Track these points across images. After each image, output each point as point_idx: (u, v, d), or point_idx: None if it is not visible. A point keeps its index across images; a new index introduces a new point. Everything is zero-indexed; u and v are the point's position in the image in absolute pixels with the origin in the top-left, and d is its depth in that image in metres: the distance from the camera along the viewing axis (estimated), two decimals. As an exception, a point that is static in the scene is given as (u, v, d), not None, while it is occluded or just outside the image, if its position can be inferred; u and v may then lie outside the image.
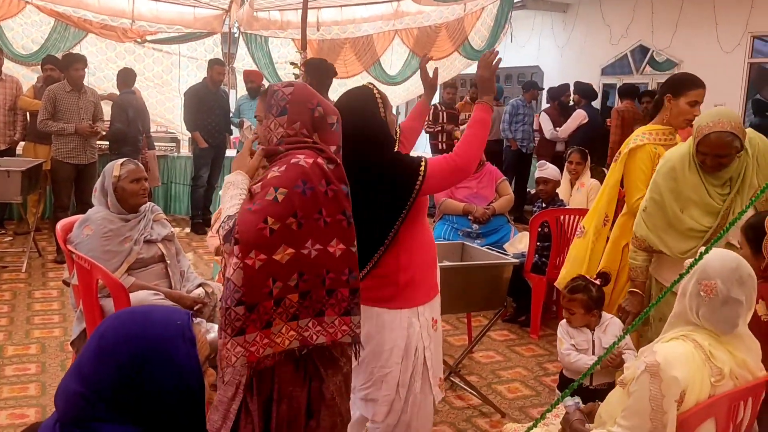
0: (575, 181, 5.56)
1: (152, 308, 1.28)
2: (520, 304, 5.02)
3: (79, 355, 1.21)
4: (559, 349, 3.05)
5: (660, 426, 1.78)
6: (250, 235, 1.88)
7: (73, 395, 1.16)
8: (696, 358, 1.84)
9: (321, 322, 2.00)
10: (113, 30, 8.13)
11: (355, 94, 2.49)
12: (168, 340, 1.19)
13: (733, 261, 1.94)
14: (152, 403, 1.16)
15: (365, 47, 9.76)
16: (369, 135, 2.39)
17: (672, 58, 9.16)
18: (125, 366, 1.15)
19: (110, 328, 1.20)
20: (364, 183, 2.33)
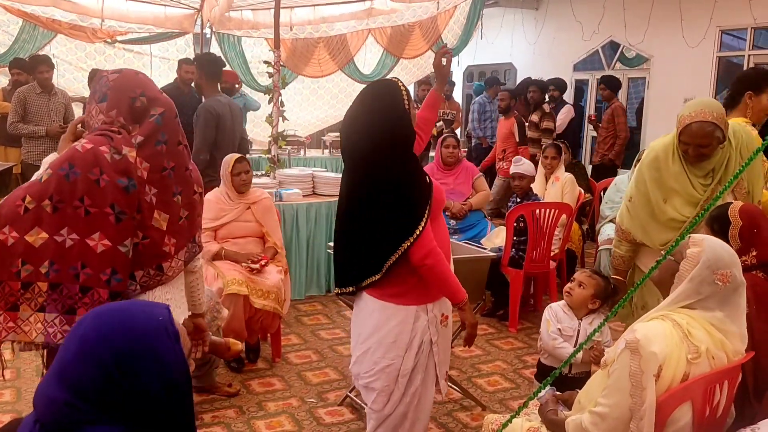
0: (550, 176, 5.61)
1: (131, 304, 1.27)
2: (497, 298, 5.06)
3: (59, 358, 1.17)
4: (544, 331, 3.05)
5: (639, 402, 1.81)
6: (6, 210, 1.85)
7: (58, 402, 1.13)
8: (674, 336, 1.87)
9: (70, 321, 1.90)
10: (82, 30, 7.99)
11: (383, 85, 2.53)
12: (151, 336, 1.17)
13: (731, 249, 2.03)
14: (139, 401, 1.14)
15: (339, 46, 9.73)
16: (397, 126, 2.41)
17: (642, 54, 9.28)
18: (109, 365, 1.13)
19: (90, 328, 1.17)
20: (391, 176, 2.37)
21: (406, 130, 2.44)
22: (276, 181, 5.50)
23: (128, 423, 1.14)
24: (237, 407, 3.49)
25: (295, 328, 4.67)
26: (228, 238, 4.02)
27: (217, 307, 3.43)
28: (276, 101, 5.52)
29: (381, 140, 2.39)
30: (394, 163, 2.39)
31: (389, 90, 2.47)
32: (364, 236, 2.44)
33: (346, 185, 2.52)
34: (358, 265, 2.48)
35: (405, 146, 2.45)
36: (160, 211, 2.00)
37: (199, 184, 2.10)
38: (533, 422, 2.27)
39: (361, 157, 2.43)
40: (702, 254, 1.96)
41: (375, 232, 2.40)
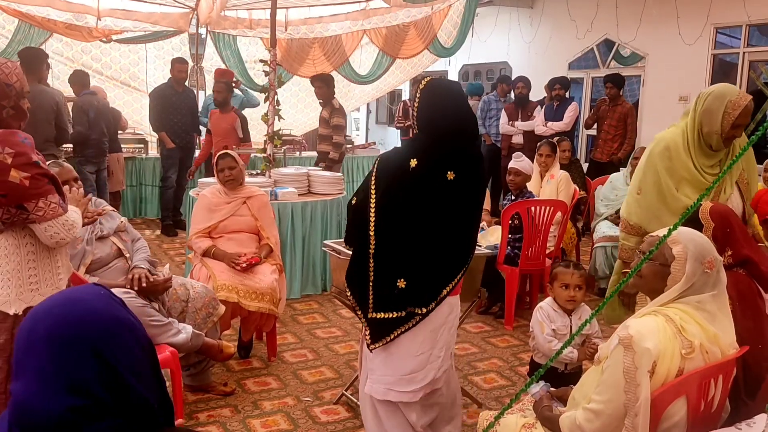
0: (545, 173, 5.61)
1: (68, 293, 1.23)
2: (493, 296, 5.06)
3: (32, 370, 1.11)
4: (537, 334, 3.05)
5: (633, 398, 1.81)
6: None
7: (61, 410, 1.08)
8: (667, 331, 1.87)
9: None
10: (78, 30, 7.97)
11: (452, 85, 2.69)
12: (112, 310, 1.17)
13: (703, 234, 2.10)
14: (132, 372, 1.13)
15: (334, 47, 9.74)
16: (473, 122, 2.62)
17: (637, 52, 9.29)
18: (98, 350, 1.11)
19: (55, 326, 1.12)
20: (474, 169, 2.51)
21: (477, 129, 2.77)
22: (271, 180, 5.49)
23: (129, 408, 1.13)
24: (232, 406, 3.48)
25: (290, 327, 4.66)
26: (223, 233, 4.01)
27: (213, 303, 3.43)
28: (272, 100, 5.51)
29: (468, 138, 2.58)
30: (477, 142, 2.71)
31: (460, 91, 2.67)
32: (454, 244, 2.53)
33: (410, 189, 2.48)
34: (442, 278, 2.54)
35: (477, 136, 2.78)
36: None
37: None
38: (528, 418, 2.27)
39: (470, 161, 2.53)
40: (686, 250, 1.98)
41: (465, 237, 2.56)
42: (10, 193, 2.19)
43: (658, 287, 2.02)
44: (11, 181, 2.17)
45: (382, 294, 2.48)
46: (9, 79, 2.26)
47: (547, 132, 7.64)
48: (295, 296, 5.23)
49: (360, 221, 2.52)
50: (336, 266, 3.72)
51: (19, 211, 2.22)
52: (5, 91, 2.25)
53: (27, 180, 2.19)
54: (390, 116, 14.50)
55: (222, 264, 3.83)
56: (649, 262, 2.02)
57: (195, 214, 4.10)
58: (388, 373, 2.60)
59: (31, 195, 2.21)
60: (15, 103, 2.27)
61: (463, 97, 2.63)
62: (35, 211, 2.23)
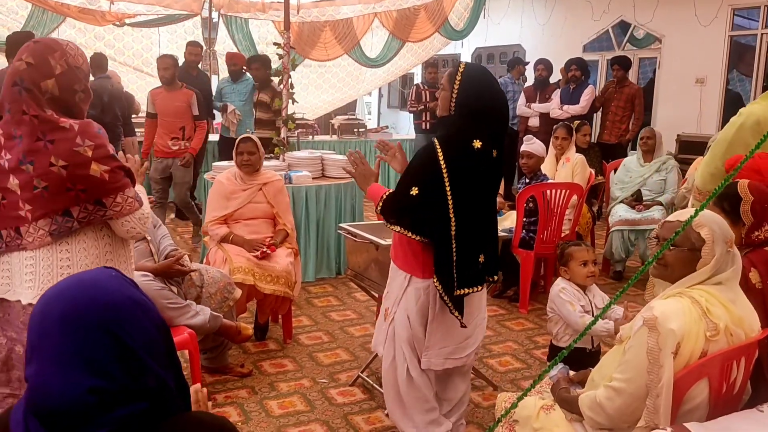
0: (561, 156, 5.58)
1: (80, 275, 1.21)
2: (508, 279, 5.06)
3: (47, 350, 1.10)
4: (568, 314, 3.01)
5: (656, 379, 1.80)
6: None
7: (80, 392, 1.07)
8: (693, 313, 1.86)
9: None
10: (91, 13, 7.97)
11: (486, 68, 2.84)
12: (124, 290, 1.16)
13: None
14: (149, 352, 1.12)
15: (345, 30, 9.70)
16: (507, 103, 2.76)
17: (653, 33, 9.18)
18: (113, 330, 1.10)
19: (67, 308, 1.11)
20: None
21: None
22: (285, 163, 5.49)
23: (147, 391, 1.12)
24: (249, 387, 3.51)
25: (306, 310, 4.68)
26: (240, 219, 4.02)
27: (229, 287, 3.45)
28: (286, 83, 5.50)
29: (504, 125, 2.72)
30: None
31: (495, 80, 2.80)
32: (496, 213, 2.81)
33: (480, 171, 2.59)
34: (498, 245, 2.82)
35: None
36: (14, 175, 2.08)
37: (61, 157, 2.04)
38: (546, 400, 2.27)
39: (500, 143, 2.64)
40: (713, 232, 1.98)
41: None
42: (90, 188, 2.09)
43: (685, 274, 2.00)
44: (92, 176, 2.07)
45: (468, 272, 2.58)
46: (76, 62, 2.15)
47: (563, 115, 7.57)
48: (310, 279, 5.25)
49: (436, 206, 2.52)
50: (352, 249, 3.72)
51: (97, 207, 2.12)
52: (75, 75, 2.14)
53: (107, 174, 2.09)
54: (402, 100, 14.42)
55: (238, 247, 3.85)
56: (675, 249, 2.00)
57: (211, 200, 4.09)
58: (448, 344, 2.70)
59: (109, 189, 2.12)
60: (85, 86, 2.18)
61: (496, 80, 2.80)
62: (112, 206, 2.14)
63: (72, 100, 2.13)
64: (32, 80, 2.06)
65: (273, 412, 3.27)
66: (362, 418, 3.23)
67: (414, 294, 2.66)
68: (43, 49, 2.10)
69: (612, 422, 1.96)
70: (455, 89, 2.59)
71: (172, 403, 1.17)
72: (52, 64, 2.08)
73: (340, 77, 10.52)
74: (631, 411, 1.90)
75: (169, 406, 1.16)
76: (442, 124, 2.73)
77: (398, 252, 2.75)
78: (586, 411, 2.01)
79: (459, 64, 2.64)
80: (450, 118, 2.63)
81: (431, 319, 2.67)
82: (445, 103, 2.64)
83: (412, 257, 2.65)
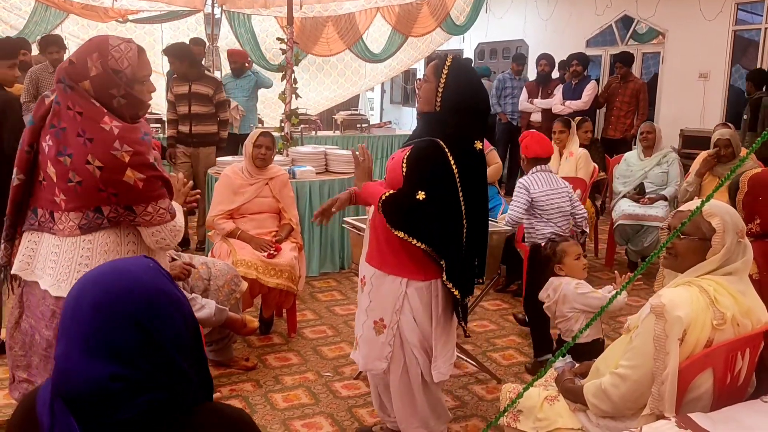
0: (563, 151, 5.58)
1: (116, 262, 1.22)
2: (511, 274, 5.06)
3: (75, 333, 1.12)
4: (598, 301, 2.95)
5: (662, 366, 1.81)
6: None
7: (102, 378, 1.09)
8: (700, 301, 1.87)
9: None
10: (94, 10, 7.98)
11: (469, 62, 2.82)
12: (158, 282, 1.17)
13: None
14: (173, 346, 1.14)
15: (347, 25, 9.68)
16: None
17: (656, 28, 9.16)
18: (140, 320, 1.11)
19: (100, 293, 1.13)
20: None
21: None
22: (289, 158, 5.50)
23: (170, 382, 1.13)
24: (254, 381, 3.53)
25: (309, 304, 4.69)
26: (246, 213, 4.04)
27: (236, 280, 3.46)
28: (289, 78, 5.50)
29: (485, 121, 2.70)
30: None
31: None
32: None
33: (482, 174, 2.58)
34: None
35: None
36: (52, 164, 2.10)
37: (98, 158, 2.04)
38: (550, 391, 2.28)
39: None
40: (724, 221, 1.98)
41: None
42: (121, 193, 2.08)
43: (695, 264, 2.00)
44: (125, 181, 2.06)
45: (472, 278, 2.58)
46: (119, 65, 2.07)
47: (565, 111, 7.55)
48: (314, 274, 5.26)
49: (448, 214, 2.44)
50: (356, 243, 3.74)
51: (127, 212, 2.12)
52: (113, 79, 2.06)
53: (141, 182, 2.07)
54: (404, 96, 14.42)
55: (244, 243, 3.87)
56: (686, 238, 2.00)
57: (217, 193, 4.09)
58: (448, 351, 2.65)
59: (142, 198, 2.10)
60: (126, 92, 2.08)
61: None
62: (142, 215, 2.13)
63: (109, 104, 2.08)
64: (72, 79, 2.07)
65: (278, 405, 3.29)
66: (367, 411, 3.24)
67: (417, 294, 2.56)
68: (86, 48, 2.09)
69: (616, 409, 1.97)
70: (442, 82, 2.47)
71: (193, 395, 1.19)
72: (89, 65, 2.06)
73: (342, 72, 10.52)
74: (635, 398, 1.91)
75: (189, 398, 1.18)
76: (427, 122, 2.55)
77: (387, 258, 2.59)
78: (591, 398, 2.02)
79: (446, 57, 2.54)
80: (437, 115, 2.50)
81: (435, 325, 2.59)
82: (430, 96, 2.50)
83: (408, 260, 2.52)
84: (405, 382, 2.67)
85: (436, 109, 2.50)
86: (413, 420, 2.71)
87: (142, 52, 2.14)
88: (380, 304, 2.62)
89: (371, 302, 2.66)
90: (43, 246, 2.18)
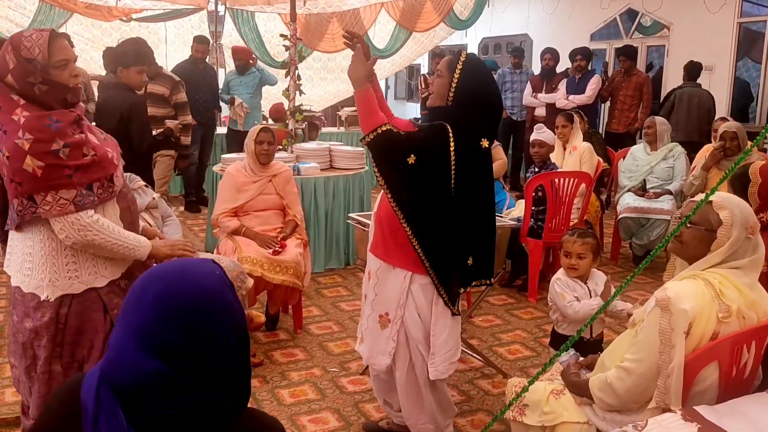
0: (567, 145, 5.57)
1: (185, 263, 1.25)
2: (516, 268, 5.06)
3: (135, 324, 1.15)
4: (560, 304, 2.98)
5: (668, 359, 1.81)
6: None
7: (148, 371, 1.12)
8: (705, 294, 1.87)
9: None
10: (98, 9, 8.00)
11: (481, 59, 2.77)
12: (220, 291, 1.19)
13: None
14: (222, 356, 1.16)
15: (352, 21, 9.69)
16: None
17: (661, 21, 9.13)
18: (196, 325, 1.14)
19: (164, 291, 1.15)
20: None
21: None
22: (293, 155, 5.51)
23: (210, 386, 1.16)
24: (261, 377, 3.54)
25: (315, 300, 4.71)
26: (250, 211, 4.04)
27: (241, 277, 3.46)
28: (293, 75, 5.50)
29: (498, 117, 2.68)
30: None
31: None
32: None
33: (486, 173, 2.58)
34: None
35: None
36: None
37: (7, 148, 2.05)
38: (555, 385, 2.29)
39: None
40: (733, 215, 1.97)
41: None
42: (24, 182, 2.05)
43: (700, 253, 2.00)
44: (25, 170, 2.03)
45: (456, 270, 2.59)
46: (31, 53, 2.07)
47: (569, 105, 7.54)
48: (319, 270, 5.27)
49: (432, 189, 2.43)
50: (361, 239, 3.74)
51: (29, 203, 2.08)
52: (27, 68, 2.06)
53: (40, 170, 2.03)
54: (409, 91, 14.40)
55: (249, 240, 3.87)
56: (693, 227, 2.00)
57: (221, 191, 4.09)
58: (448, 350, 2.61)
59: (42, 186, 2.06)
60: (44, 78, 2.07)
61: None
62: (42, 204, 2.07)
63: (31, 93, 2.08)
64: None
65: (285, 401, 3.30)
66: (373, 406, 3.25)
67: (421, 290, 2.55)
68: (4, 47, 2.11)
69: (622, 403, 1.97)
70: (455, 78, 2.46)
71: (233, 402, 1.22)
72: (7, 60, 2.09)
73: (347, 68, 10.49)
74: (640, 392, 1.91)
75: (229, 404, 1.20)
76: (437, 115, 2.54)
77: (392, 249, 2.58)
78: (597, 392, 2.02)
79: (460, 53, 2.55)
80: (448, 110, 2.49)
81: (434, 321, 2.57)
82: (443, 91, 2.50)
83: (412, 252, 2.49)
84: (411, 379, 2.66)
85: (447, 103, 2.50)
86: (421, 416, 2.71)
87: (55, 39, 2.13)
88: (385, 298, 2.62)
89: (376, 296, 2.66)
90: (11, 240, 2.26)
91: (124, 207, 2.32)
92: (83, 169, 2.11)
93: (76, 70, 2.18)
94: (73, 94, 2.16)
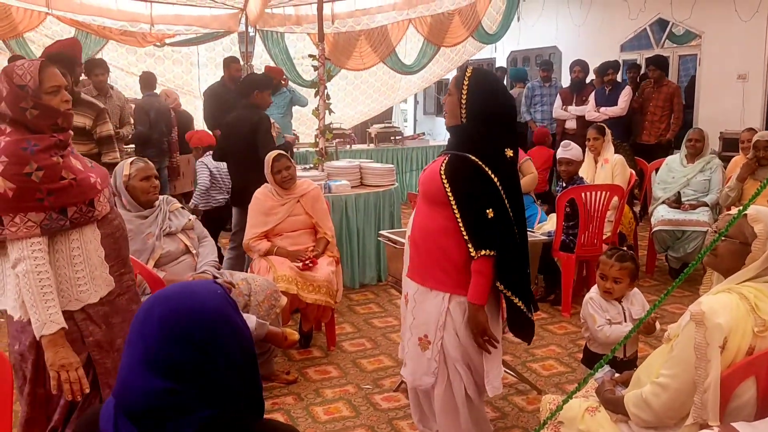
0: (598, 158, 5.53)
1: (188, 284, 1.29)
2: (549, 283, 5.03)
3: (139, 347, 1.19)
4: (590, 327, 2.97)
5: (704, 374, 1.79)
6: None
7: (157, 391, 1.15)
8: (741, 308, 1.85)
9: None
10: (132, 35, 8.22)
11: (491, 71, 2.76)
12: (223, 309, 1.22)
13: None
14: (228, 373, 1.19)
15: (380, 38, 9.77)
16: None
17: (692, 30, 9.03)
18: (201, 343, 1.17)
19: (167, 311, 1.19)
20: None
21: None
22: (324, 173, 5.57)
23: (221, 401, 1.19)
24: (295, 394, 3.57)
25: (348, 317, 4.73)
26: (281, 233, 4.09)
27: (275, 295, 3.52)
28: (322, 94, 5.58)
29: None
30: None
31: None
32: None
33: (516, 182, 2.58)
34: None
35: None
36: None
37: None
38: (591, 402, 2.26)
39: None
40: None
41: None
42: None
43: (735, 266, 1.98)
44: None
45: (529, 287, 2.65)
46: (23, 80, 2.14)
47: (600, 118, 7.48)
48: (352, 286, 5.31)
49: (507, 224, 2.47)
50: (392, 256, 3.77)
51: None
52: (20, 94, 2.13)
53: (11, 191, 2.05)
54: (438, 106, 14.44)
55: (282, 258, 3.92)
56: (727, 240, 1.98)
57: (251, 216, 4.12)
58: (497, 366, 2.63)
59: (10, 207, 2.07)
60: (35, 102, 2.13)
61: (502, 81, 2.75)
62: (9, 225, 2.07)
63: (23, 118, 2.14)
64: None
65: (319, 418, 3.33)
66: (407, 423, 3.25)
67: (459, 309, 2.54)
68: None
69: (658, 419, 1.95)
70: (464, 94, 2.48)
71: (244, 415, 1.25)
72: (1, 88, 2.15)
73: (375, 86, 10.59)
74: (677, 407, 1.89)
75: (241, 417, 1.23)
76: (456, 135, 2.56)
77: (429, 272, 2.59)
78: (632, 408, 2.00)
79: (466, 68, 2.57)
80: (466, 127, 2.51)
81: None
82: (455, 109, 2.52)
83: (449, 274, 2.52)
84: (449, 398, 2.66)
85: (462, 121, 2.51)
86: None
87: (46, 66, 2.20)
88: (423, 320, 2.62)
89: (414, 319, 2.66)
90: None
91: (107, 233, 2.29)
92: (57, 192, 2.12)
93: (66, 96, 2.23)
94: (64, 119, 2.21)
